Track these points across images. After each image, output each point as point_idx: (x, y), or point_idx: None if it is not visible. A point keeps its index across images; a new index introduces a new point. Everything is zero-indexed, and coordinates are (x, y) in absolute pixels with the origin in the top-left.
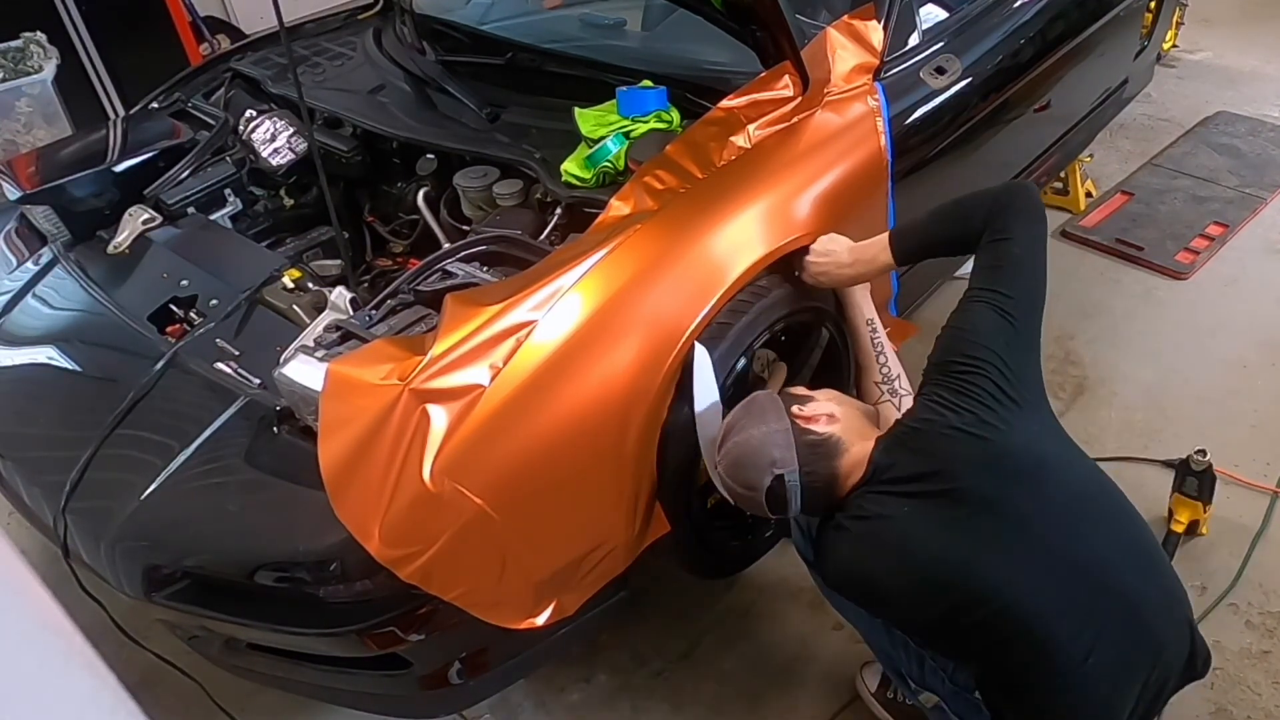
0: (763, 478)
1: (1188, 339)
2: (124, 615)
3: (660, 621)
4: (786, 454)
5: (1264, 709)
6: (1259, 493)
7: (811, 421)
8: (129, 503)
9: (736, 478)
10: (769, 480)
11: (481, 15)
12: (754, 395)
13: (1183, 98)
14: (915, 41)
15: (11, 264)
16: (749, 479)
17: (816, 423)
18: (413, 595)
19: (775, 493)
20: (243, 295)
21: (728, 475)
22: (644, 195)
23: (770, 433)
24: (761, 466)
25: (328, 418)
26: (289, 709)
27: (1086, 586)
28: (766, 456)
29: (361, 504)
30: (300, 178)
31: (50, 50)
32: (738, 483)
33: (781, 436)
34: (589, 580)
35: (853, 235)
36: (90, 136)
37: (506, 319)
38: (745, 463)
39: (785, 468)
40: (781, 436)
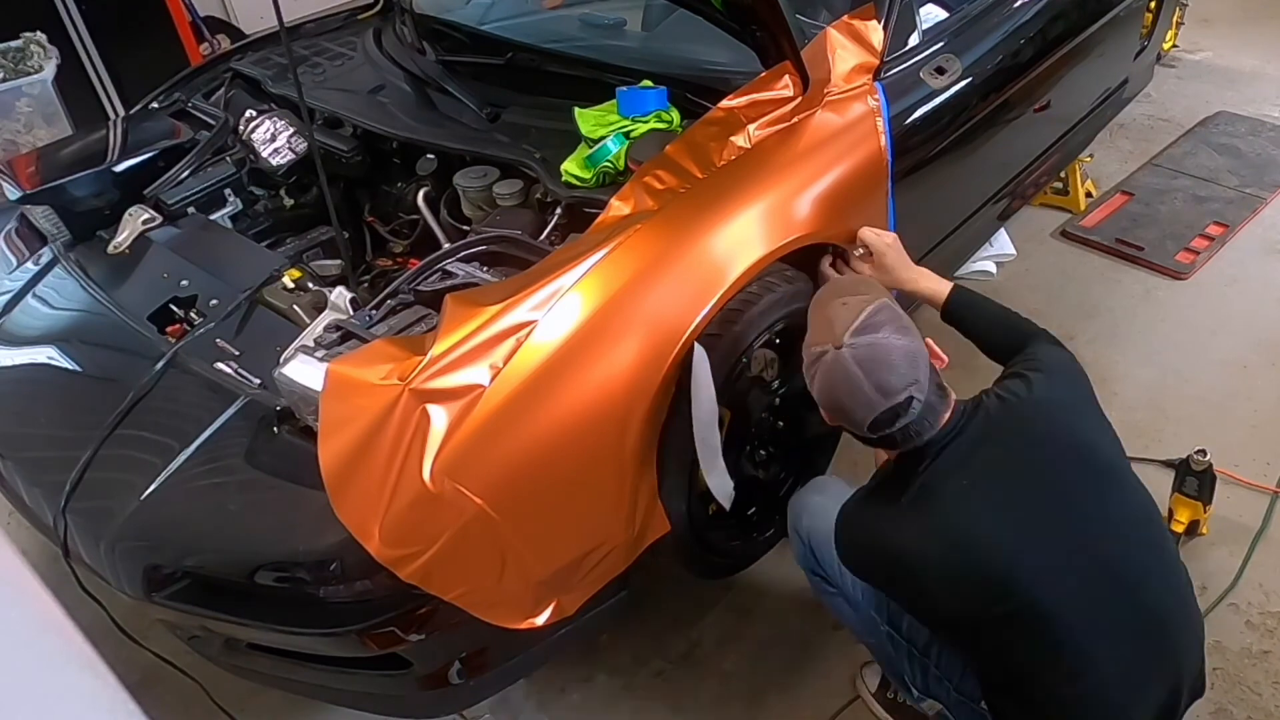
0: (899, 389)
1: (1188, 339)
2: (124, 615)
3: (660, 621)
4: (925, 382)
5: (1264, 709)
6: (1259, 493)
7: (941, 364)
8: (129, 503)
9: (869, 374)
10: (902, 397)
11: (481, 15)
12: (881, 301)
13: (1183, 98)
14: (915, 41)
15: (11, 264)
16: (885, 382)
17: (943, 366)
18: (413, 595)
19: (893, 412)
20: (243, 295)
21: (858, 363)
22: (644, 195)
23: (918, 351)
24: (903, 376)
25: (328, 418)
26: (289, 709)
27: (1123, 595)
28: (911, 373)
29: (361, 504)
30: (300, 178)
31: (50, 50)
32: (870, 379)
33: (925, 362)
34: (589, 580)
35: (853, 235)
36: (90, 136)
37: (506, 319)
38: (887, 365)
39: (920, 393)
40: (925, 362)
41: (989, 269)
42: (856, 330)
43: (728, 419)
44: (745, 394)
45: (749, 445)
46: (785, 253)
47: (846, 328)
